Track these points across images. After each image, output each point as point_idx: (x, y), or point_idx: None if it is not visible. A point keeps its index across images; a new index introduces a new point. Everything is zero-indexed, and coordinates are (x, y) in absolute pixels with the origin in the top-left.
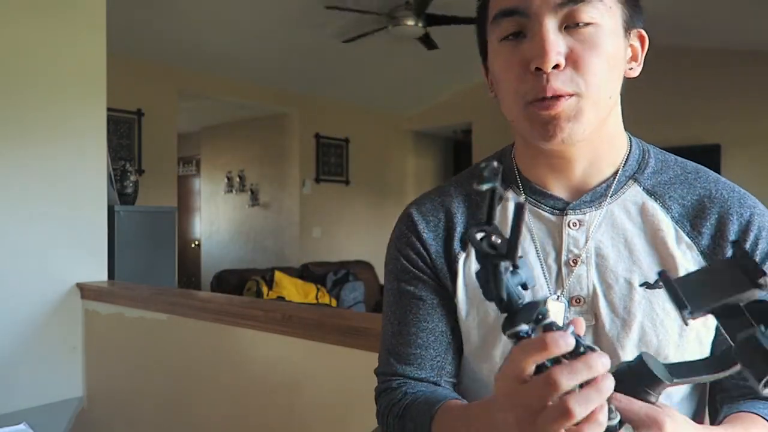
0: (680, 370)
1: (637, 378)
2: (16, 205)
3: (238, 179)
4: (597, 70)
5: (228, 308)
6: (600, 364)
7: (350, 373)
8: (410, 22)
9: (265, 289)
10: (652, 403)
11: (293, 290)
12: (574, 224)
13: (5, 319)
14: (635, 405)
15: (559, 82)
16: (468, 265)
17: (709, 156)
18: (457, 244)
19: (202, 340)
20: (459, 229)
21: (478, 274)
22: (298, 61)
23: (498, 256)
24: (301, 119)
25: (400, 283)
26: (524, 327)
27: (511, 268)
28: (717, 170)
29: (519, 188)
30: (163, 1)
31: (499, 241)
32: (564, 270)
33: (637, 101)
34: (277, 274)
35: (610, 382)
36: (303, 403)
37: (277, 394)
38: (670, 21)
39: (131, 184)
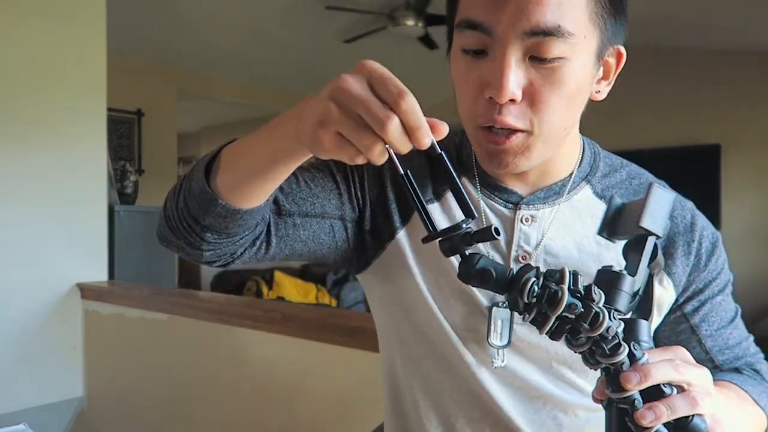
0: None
1: (606, 285)
2: (16, 205)
3: None
4: (555, 108)
5: (228, 308)
6: (427, 140)
7: (350, 373)
8: (410, 22)
9: (265, 289)
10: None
11: (293, 290)
12: (527, 219)
13: (5, 319)
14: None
15: (511, 117)
16: (410, 235)
17: (709, 156)
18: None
19: (202, 340)
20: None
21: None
22: (298, 61)
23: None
24: None
25: (331, 163)
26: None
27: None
28: (717, 170)
29: (475, 178)
30: (163, 1)
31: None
32: (513, 266)
33: (638, 101)
34: (277, 274)
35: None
36: (303, 403)
37: (277, 393)
38: (670, 21)
39: (131, 184)
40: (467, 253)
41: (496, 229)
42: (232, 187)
